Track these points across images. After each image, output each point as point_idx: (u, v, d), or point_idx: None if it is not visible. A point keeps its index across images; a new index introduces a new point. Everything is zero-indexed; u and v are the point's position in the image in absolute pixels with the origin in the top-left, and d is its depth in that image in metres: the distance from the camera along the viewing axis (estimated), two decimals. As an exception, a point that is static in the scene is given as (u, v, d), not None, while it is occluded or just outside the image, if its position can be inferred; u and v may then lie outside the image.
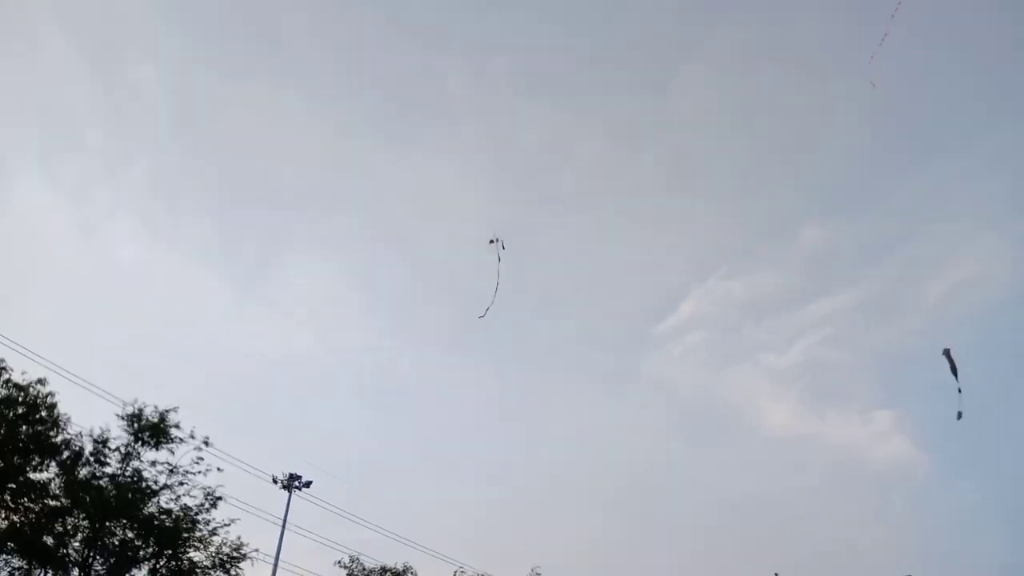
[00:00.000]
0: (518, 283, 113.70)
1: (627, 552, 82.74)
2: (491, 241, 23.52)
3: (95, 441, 29.37)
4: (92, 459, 29.00)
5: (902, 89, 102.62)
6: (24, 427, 28.17)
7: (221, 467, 30.91)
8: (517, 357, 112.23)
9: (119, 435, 29.63)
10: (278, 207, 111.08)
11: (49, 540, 27.05)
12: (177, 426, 30.17)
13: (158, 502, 29.41)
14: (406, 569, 32.26)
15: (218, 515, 30.25)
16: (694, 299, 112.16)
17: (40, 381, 29.06)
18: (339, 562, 31.86)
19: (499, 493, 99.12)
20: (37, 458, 28.27)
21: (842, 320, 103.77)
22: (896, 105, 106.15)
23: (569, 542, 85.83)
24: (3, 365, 28.58)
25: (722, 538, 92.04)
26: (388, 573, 31.94)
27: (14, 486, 27.65)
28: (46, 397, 29.04)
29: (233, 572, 30.03)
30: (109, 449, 29.22)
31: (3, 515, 27.11)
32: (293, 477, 37.45)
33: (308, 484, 37.64)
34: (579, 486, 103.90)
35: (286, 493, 37.07)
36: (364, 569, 31.78)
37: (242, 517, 37.14)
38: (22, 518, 27.21)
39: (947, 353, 19.85)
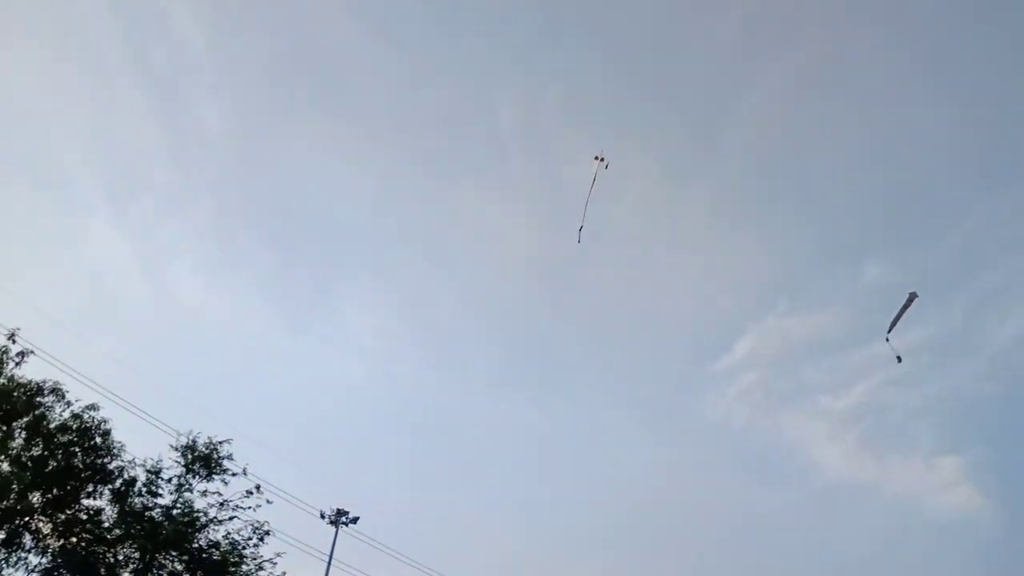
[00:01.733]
0: (564, 317, 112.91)
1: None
2: (597, 158, 21.66)
3: (148, 471, 29.06)
4: (145, 489, 28.65)
5: (970, 114, 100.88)
6: (78, 452, 28.05)
7: (271, 500, 30.43)
8: (564, 393, 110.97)
9: (171, 465, 29.34)
10: (332, 240, 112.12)
11: (102, 570, 26.64)
12: (229, 457, 29.84)
13: (207, 535, 28.90)
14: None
15: (265, 550, 29.67)
16: (751, 337, 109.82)
17: (92, 407, 28.94)
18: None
19: (544, 531, 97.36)
20: (91, 485, 28.07)
21: (907, 361, 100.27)
22: (961, 132, 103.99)
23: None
24: (60, 387, 28.61)
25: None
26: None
27: (68, 512, 27.44)
28: (100, 424, 28.91)
29: (279, 607, 29.32)
30: (163, 480, 28.89)
31: (57, 540, 26.83)
32: (340, 512, 36.83)
33: (355, 520, 37.00)
34: (625, 527, 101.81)
35: (333, 528, 36.44)
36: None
37: (288, 551, 36.61)
38: (76, 546, 26.87)
39: (912, 296, 17.27)
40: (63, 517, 27.41)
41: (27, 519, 26.52)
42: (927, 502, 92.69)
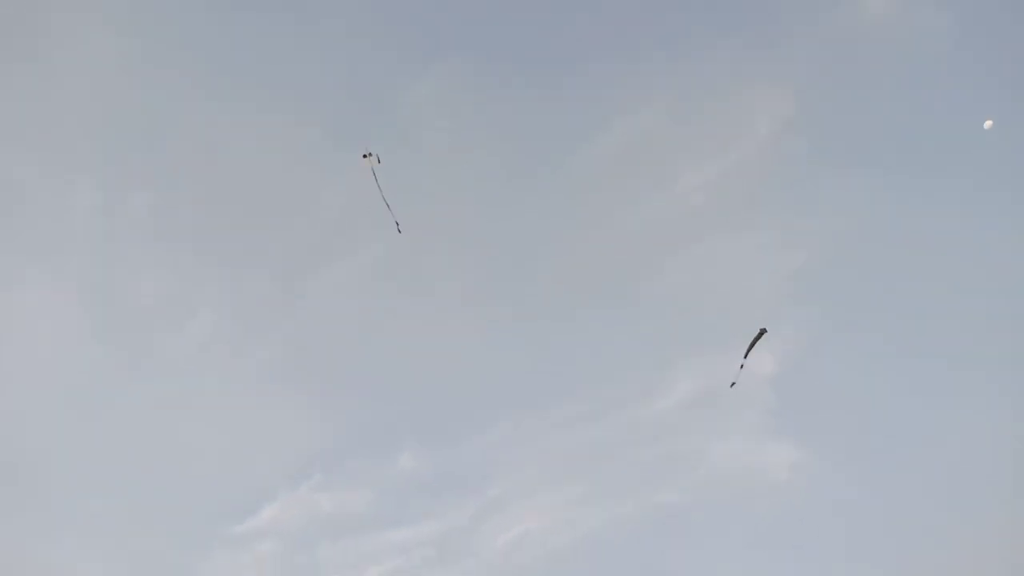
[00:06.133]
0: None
1: None
2: (364, 156, 21.53)
3: None
4: None
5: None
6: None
7: None
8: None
9: None
10: None
11: None
12: None
13: None
14: None
15: None
16: (280, 504, 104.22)
17: None
18: None
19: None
20: None
21: (414, 553, 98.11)
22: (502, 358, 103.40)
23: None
24: None
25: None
26: None
27: None
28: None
29: None
30: None
31: None
32: None
33: None
34: None
35: None
36: None
37: None
38: None
39: (762, 331, 17.23)
40: None
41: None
42: None
